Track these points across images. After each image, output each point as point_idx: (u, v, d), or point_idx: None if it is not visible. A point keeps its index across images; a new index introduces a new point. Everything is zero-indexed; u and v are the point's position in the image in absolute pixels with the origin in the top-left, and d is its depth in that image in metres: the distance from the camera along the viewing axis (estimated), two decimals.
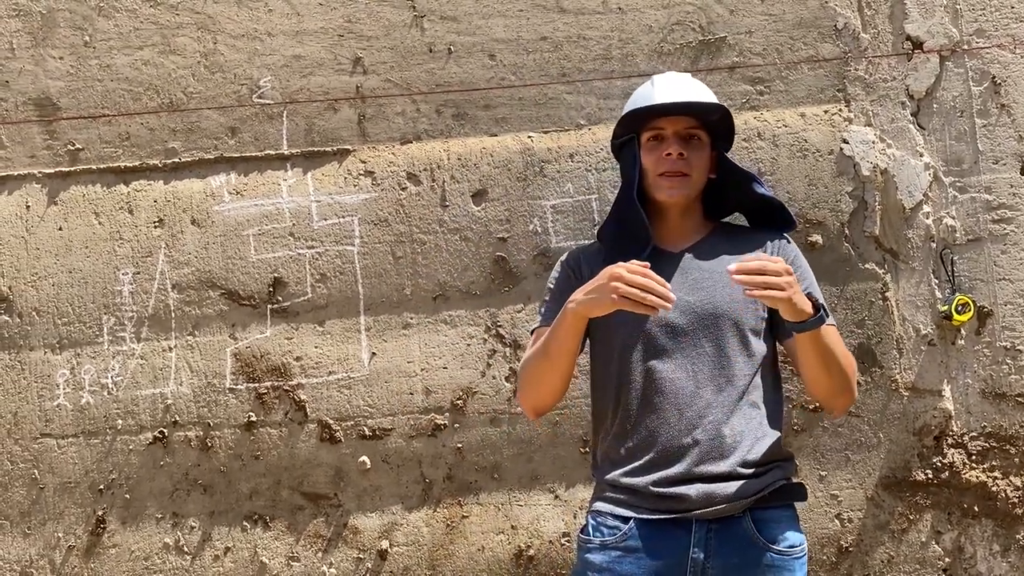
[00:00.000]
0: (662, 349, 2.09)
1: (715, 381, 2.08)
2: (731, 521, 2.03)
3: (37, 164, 3.16)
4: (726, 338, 2.10)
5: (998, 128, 3.05)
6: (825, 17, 3.08)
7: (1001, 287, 3.02)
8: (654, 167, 2.16)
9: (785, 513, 2.10)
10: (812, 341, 2.02)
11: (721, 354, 2.09)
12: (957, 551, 2.98)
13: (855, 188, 3.04)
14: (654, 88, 2.21)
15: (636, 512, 2.05)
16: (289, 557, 3.05)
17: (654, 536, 2.04)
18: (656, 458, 2.06)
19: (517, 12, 3.13)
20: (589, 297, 1.98)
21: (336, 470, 3.06)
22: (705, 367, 2.08)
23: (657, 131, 2.17)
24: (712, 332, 2.10)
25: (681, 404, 2.06)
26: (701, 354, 2.09)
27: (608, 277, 1.94)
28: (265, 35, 3.16)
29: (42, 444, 3.09)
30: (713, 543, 2.02)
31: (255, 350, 3.09)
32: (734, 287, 2.04)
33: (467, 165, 3.11)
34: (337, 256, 3.10)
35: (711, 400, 2.07)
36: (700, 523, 2.03)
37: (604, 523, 2.08)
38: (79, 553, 3.07)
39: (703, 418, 2.05)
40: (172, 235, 3.12)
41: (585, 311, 1.99)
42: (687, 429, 2.05)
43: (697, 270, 2.15)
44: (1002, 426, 2.99)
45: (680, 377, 2.07)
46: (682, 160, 2.15)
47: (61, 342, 3.11)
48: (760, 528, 2.04)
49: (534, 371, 2.11)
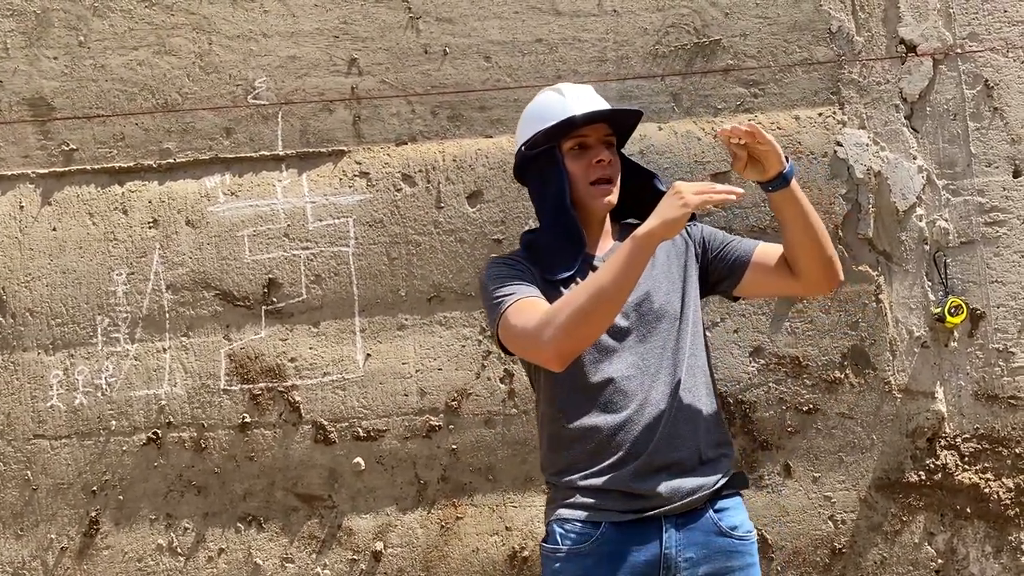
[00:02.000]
0: (611, 350, 2.12)
1: (666, 374, 2.12)
2: (695, 514, 2.09)
3: (31, 164, 3.15)
4: (668, 331, 2.15)
5: (991, 131, 3.07)
6: (819, 20, 3.10)
7: (993, 289, 3.04)
8: (584, 175, 2.17)
9: (737, 500, 2.17)
10: (794, 196, 2.09)
11: (666, 347, 2.14)
12: (950, 552, 2.99)
13: (849, 190, 3.05)
14: (566, 98, 2.22)
15: (606, 515, 2.07)
16: (283, 558, 3.05)
17: (625, 538, 2.06)
18: (622, 457, 2.07)
19: (512, 14, 3.14)
20: (664, 219, 1.97)
21: (330, 471, 3.05)
22: (654, 362, 2.12)
23: (581, 139, 2.19)
24: (653, 327, 2.14)
25: (637, 401, 2.09)
26: (648, 350, 2.13)
27: (674, 197, 1.98)
28: (260, 36, 3.15)
29: (35, 445, 3.08)
30: (682, 537, 2.07)
31: (249, 351, 3.08)
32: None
33: (462, 166, 3.11)
34: (332, 257, 3.10)
35: (665, 393, 2.11)
36: (668, 519, 2.07)
37: (572, 530, 2.08)
38: (72, 554, 3.06)
39: (660, 412, 2.09)
40: (166, 236, 3.12)
41: (663, 230, 1.97)
42: (646, 425, 2.08)
43: None
44: (995, 428, 3.01)
45: (632, 375, 2.11)
46: (611, 167, 2.20)
47: (55, 343, 3.10)
48: (720, 517, 2.11)
49: (588, 310, 1.98)
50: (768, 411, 3.02)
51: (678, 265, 2.21)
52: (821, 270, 2.15)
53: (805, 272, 2.15)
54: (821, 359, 3.02)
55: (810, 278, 2.16)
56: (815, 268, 2.14)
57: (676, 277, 2.19)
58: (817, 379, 3.02)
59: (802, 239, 2.12)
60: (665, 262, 2.20)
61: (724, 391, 3.02)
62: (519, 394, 3.03)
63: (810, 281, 2.17)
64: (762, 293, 2.37)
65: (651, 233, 1.98)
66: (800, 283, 2.18)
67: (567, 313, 2.00)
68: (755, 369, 3.03)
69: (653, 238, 1.98)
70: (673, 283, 2.18)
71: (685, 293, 2.18)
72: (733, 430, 3.02)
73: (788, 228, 2.13)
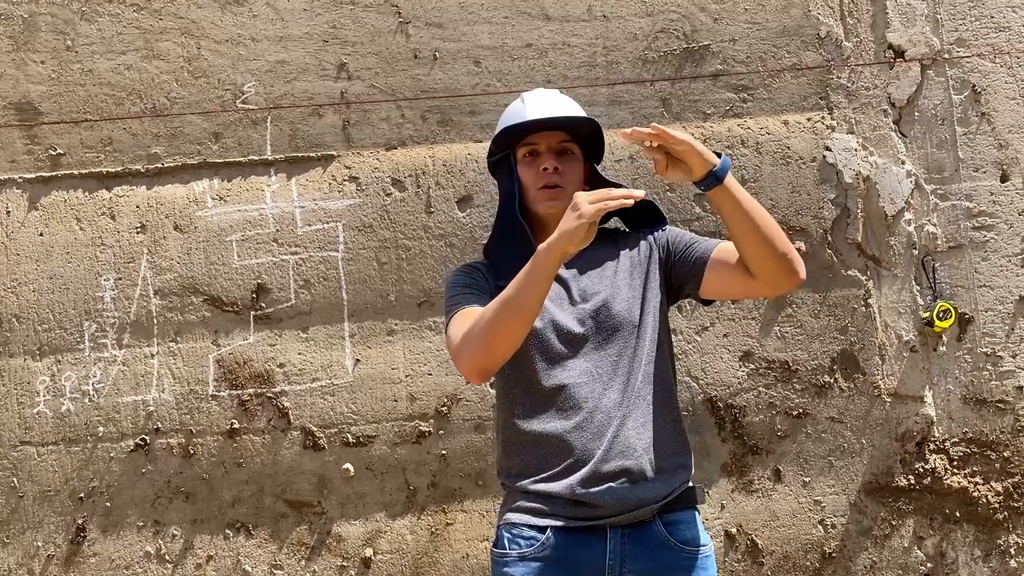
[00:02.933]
0: (565, 356, 2.12)
1: (619, 382, 2.11)
2: (643, 526, 2.07)
3: (18, 169, 3.13)
4: (625, 338, 2.13)
5: (978, 136, 3.09)
6: (808, 26, 3.11)
7: (982, 294, 3.05)
8: (533, 181, 2.20)
9: (691, 514, 2.14)
10: (730, 194, 2.03)
11: (622, 355, 2.12)
12: (939, 556, 3.00)
13: (837, 195, 3.06)
14: (525, 105, 2.25)
15: (552, 520, 2.07)
16: (272, 565, 3.03)
17: (571, 544, 2.05)
18: (570, 463, 2.07)
19: (502, 19, 3.14)
20: (563, 232, 1.96)
21: (320, 477, 3.04)
22: (608, 369, 2.11)
23: (532, 146, 2.22)
24: (610, 335, 2.13)
25: (587, 409, 2.08)
26: (603, 357, 2.12)
27: (571, 209, 1.97)
28: (249, 40, 3.14)
29: (22, 452, 3.06)
30: (628, 548, 2.05)
31: (238, 357, 3.07)
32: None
33: (452, 171, 3.10)
34: (321, 262, 3.09)
35: (618, 401, 2.09)
36: (614, 529, 2.05)
37: (520, 535, 2.08)
38: (59, 562, 3.04)
39: (612, 420, 2.08)
40: (155, 241, 3.10)
41: (563, 244, 1.97)
42: (597, 432, 2.07)
43: (586, 277, 2.19)
44: (983, 432, 3.02)
45: (585, 382, 2.10)
46: (557, 174, 2.20)
47: (41, 348, 3.08)
48: (670, 531, 2.08)
49: (497, 325, 2.03)
50: (758, 415, 3.02)
51: (640, 272, 2.19)
52: (775, 268, 2.05)
53: (759, 271, 2.06)
54: (810, 363, 3.03)
55: (765, 276, 2.07)
56: (768, 266, 2.06)
57: (637, 284, 2.17)
58: (807, 383, 3.03)
59: (747, 237, 2.05)
60: (628, 269, 2.19)
61: (714, 396, 3.03)
62: None
63: (767, 280, 2.08)
64: (728, 294, 2.28)
65: (549, 247, 1.98)
66: (758, 283, 2.09)
67: (478, 329, 2.04)
68: (745, 374, 3.03)
69: (552, 252, 1.98)
70: (634, 291, 2.16)
71: (645, 301, 2.16)
72: (723, 435, 3.02)
73: (730, 227, 2.07)
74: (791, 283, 2.11)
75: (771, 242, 2.04)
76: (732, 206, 2.03)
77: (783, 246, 2.05)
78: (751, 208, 2.04)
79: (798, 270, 2.07)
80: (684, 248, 2.20)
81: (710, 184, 2.01)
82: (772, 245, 2.04)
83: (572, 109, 2.27)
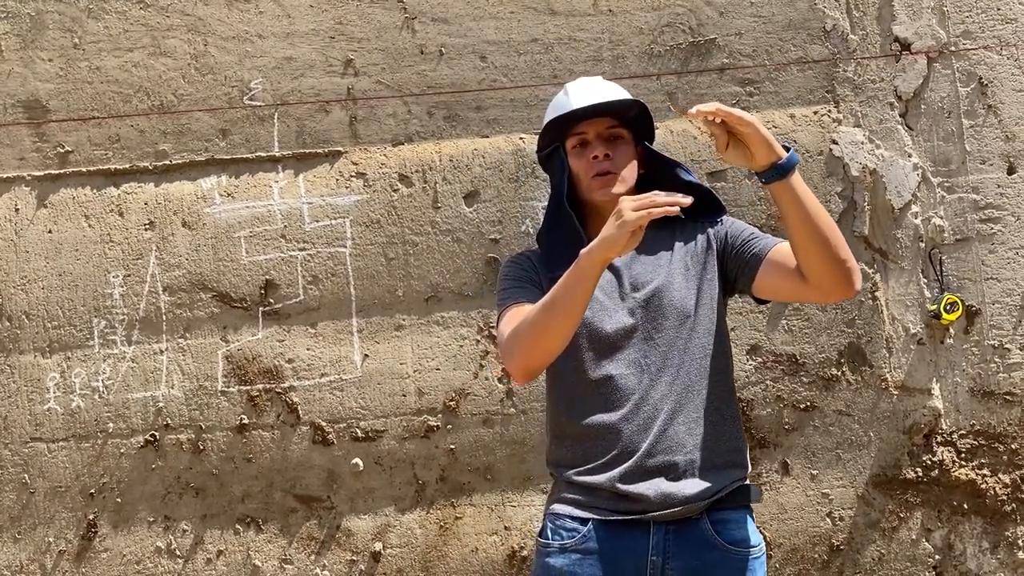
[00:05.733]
0: (613, 347, 2.09)
1: (669, 374, 2.07)
2: (689, 523, 2.02)
3: (26, 167, 3.15)
4: (676, 330, 2.09)
5: (985, 129, 3.08)
6: (814, 19, 3.11)
7: (989, 286, 3.05)
8: (585, 171, 2.17)
9: (741, 514, 2.08)
10: (793, 191, 1.96)
11: (673, 346, 2.08)
12: (947, 548, 3.00)
13: (844, 188, 3.06)
14: (568, 96, 2.22)
15: (595, 513, 2.04)
16: (282, 560, 3.05)
17: (613, 538, 2.02)
18: (614, 456, 2.04)
19: (508, 14, 3.14)
20: (604, 238, 1.93)
21: (329, 472, 3.05)
22: (656, 360, 2.07)
23: (580, 136, 2.19)
24: (662, 325, 2.09)
25: (634, 400, 2.05)
26: (652, 348, 2.08)
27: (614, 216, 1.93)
28: (256, 37, 3.15)
29: (32, 448, 3.08)
30: (672, 545, 2.01)
31: (247, 352, 3.08)
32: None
33: (459, 166, 3.11)
34: (329, 258, 3.10)
35: (666, 394, 2.06)
36: (658, 525, 2.01)
37: (563, 526, 2.06)
38: (70, 558, 3.06)
39: (657, 412, 2.04)
40: (163, 237, 3.11)
41: (604, 251, 1.93)
42: (644, 425, 2.04)
43: (639, 266, 2.15)
44: (991, 424, 3.02)
45: (632, 373, 2.07)
46: (608, 160, 2.17)
47: (51, 345, 3.09)
48: (718, 529, 2.03)
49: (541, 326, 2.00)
50: (765, 409, 3.03)
51: (696, 264, 2.14)
52: (830, 275, 1.97)
53: (812, 276, 1.98)
54: (818, 357, 3.03)
55: (819, 283, 1.99)
56: (823, 273, 1.98)
57: (693, 276, 2.12)
58: (814, 376, 3.03)
59: (803, 238, 1.97)
60: (683, 260, 2.14)
61: None
62: (517, 394, 3.03)
63: (820, 287, 2.00)
64: (780, 295, 2.18)
65: (591, 252, 1.95)
66: (810, 288, 2.01)
67: (523, 330, 2.02)
68: (752, 367, 3.04)
69: (594, 257, 1.95)
70: (689, 282, 2.11)
71: (701, 292, 2.11)
72: None
73: (788, 226, 2.00)
74: (846, 293, 2.02)
75: (829, 247, 1.96)
76: (793, 205, 1.95)
77: (841, 252, 1.97)
78: (813, 209, 1.96)
79: (855, 281, 1.99)
80: (742, 244, 2.14)
81: (772, 177, 1.94)
82: (830, 250, 1.96)
83: (616, 93, 2.22)
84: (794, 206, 1.96)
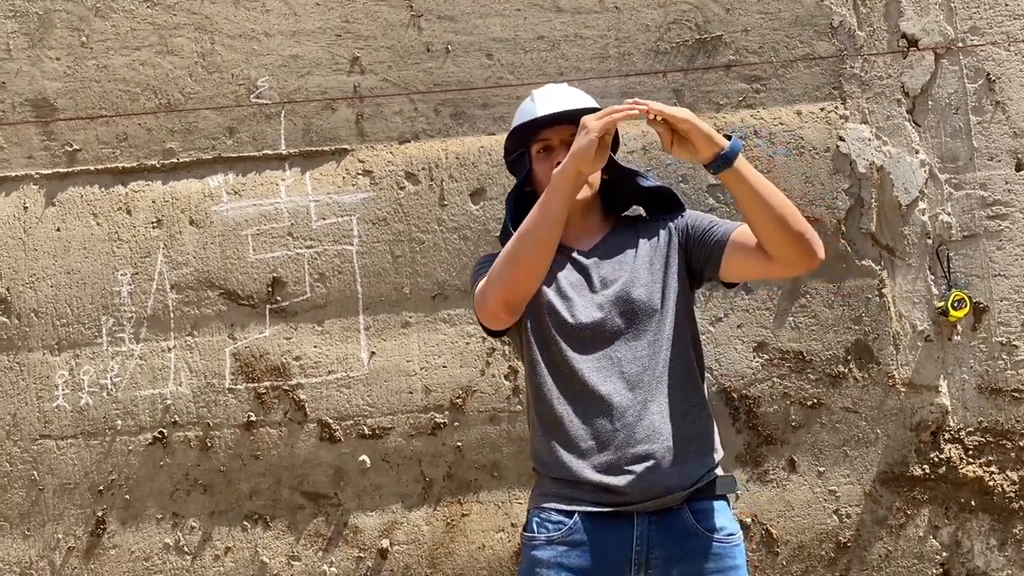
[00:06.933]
0: (586, 342, 2.14)
1: (640, 366, 2.13)
2: (671, 513, 2.08)
3: (34, 165, 3.16)
4: (645, 323, 2.15)
5: (993, 125, 3.07)
6: (821, 15, 3.10)
7: (996, 283, 3.04)
8: (548, 176, 2.21)
9: (720, 503, 2.15)
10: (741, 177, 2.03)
11: (642, 339, 2.14)
12: (954, 545, 3.00)
13: (851, 185, 3.05)
14: (535, 103, 2.29)
15: (579, 505, 2.09)
16: (289, 556, 3.06)
17: (598, 529, 2.08)
18: (590, 448, 2.09)
19: (514, 11, 3.14)
20: (574, 151, 2.03)
21: (336, 469, 3.06)
22: (628, 354, 2.13)
23: (544, 142, 2.25)
24: (631, 320, 2.15)
25: (607, 393, 2.10)
26: (624, 342, 2.14)
27: (580, 131, 2.04)
28: (262, 35, 3.16)
29: (41, 445, 3.09)
30: (655, 535, 2.07)
31: (254, 350, 3.09)
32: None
33: (465, 164, 3.11)
34: (336, 256, 3.11)
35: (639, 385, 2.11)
36: (641, 516, 2.07)
37: (548, 518, 2.11)
38: (79, 554, 3.07)
39: (630, 404, 2.10)
40: (170, 235, 3.12)
41: (575, 163, 2.04)
42: (616, 417, 2.09)
43: (607, 264, 2.21)
44: (998, 421, 3.01)
45: (604, 367, 2.12)
46: None
47: (60, 343, 3.10)
48: (699, 519, 2.09)
49: (521, 252, 2.08)
50: (772, 406, 3.03)
51: (660, 258, 2.20)
52: (790, 249, 2.04)
53: (775, 253, 2.05)
54: (825, 354, 3.03)
55: (782, 258, 2.06)
56: (783, 248, 2.04)
57: (657, 270, 2.19)
58: (821, 374, 3.03)
59: (760, 219, 2.04)
60: (647, 255, 2.21)
61: (728, 386, 3.03)
62: (523, 391, 3.04)
63: (784, 261, 2.07)
64: (747, 276, 2.25)
65: (563, 168, 2.05)
66: (775, 264, 2.08)
67: (501, 262, 2.10)
68: (759, 364, 3.04)
69: (566, 172, 2.05)
70: (654, 276, 2.18)
71: (666, 286, 2.17)
72: (738, 425, 3.03)
73: (744, 211, 2.07)
74: (809, 263, 2.09)
75: (786, 223, 2.03)
76: (745, 190, 2.03)
77: (798, 226, 2.04)
78: (763, 190, 2.03)
79: (816, 250, 2.06)
80: (703, 232, 2.20)
81: (718, 167, 2.02)
82: (787, 226, 2.03)
83: (581, 102, 2.29)
84: (746, 191, 2.04)
